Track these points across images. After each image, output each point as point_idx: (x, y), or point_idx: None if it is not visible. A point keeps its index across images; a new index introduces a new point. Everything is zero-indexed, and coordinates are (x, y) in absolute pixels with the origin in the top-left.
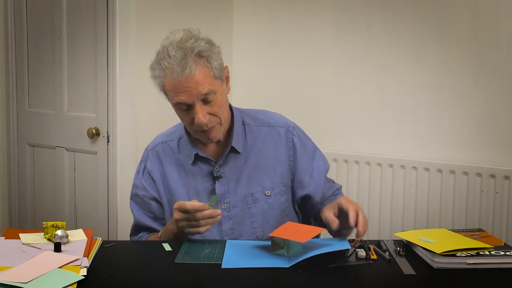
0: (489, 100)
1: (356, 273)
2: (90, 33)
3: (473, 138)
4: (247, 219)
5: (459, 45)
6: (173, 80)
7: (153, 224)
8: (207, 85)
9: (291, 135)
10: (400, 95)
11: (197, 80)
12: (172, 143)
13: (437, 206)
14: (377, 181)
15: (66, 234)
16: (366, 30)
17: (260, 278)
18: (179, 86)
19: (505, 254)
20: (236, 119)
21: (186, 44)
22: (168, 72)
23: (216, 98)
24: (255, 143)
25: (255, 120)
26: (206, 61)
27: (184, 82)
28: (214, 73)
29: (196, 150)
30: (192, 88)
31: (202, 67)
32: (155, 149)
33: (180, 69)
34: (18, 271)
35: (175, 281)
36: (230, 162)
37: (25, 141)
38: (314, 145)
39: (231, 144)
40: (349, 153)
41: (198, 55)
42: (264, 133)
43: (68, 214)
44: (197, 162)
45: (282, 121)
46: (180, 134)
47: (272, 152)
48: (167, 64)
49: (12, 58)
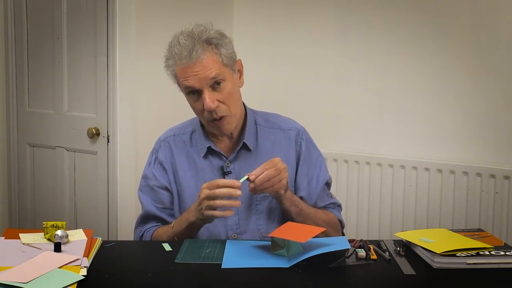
0: (489, 100)
1: (356, 273)
2: (90, 33)
3: (473, 138)
4: (252, 215)
5: (459, 45)
6: (182, 65)
7: (162, 214)
8: (215, 69)
9: (300, 139)
10: (400, 95)
11: (205, 65)
12: (184, 136)
13: (437, 206)
14: (377, 181)
15: (66, 234)
16: (366, 30)
17: (260, 278)
18: (187, 71)
19: (505, 254)
20: (249, 117)
21: (195, 33)
22: (177, 58)
23: (226, 85)
24: (266, 144)
25: (267, 122)
26: (214, 47)
27: (192, 66)
28: (223, 60)
29: (209, 143)
30: (200, 72)
31: (210, 53)
32: (167, 141)
33: (188, 53)
34: (18, 271)
35: (175, 281)
36: (240, 159)
37: (25, 141)
38: (319, 154)
39: (243, 140)
40: (349, 153)
41: (207, 42)
42: (275, 136)
43: (68, 214)
44: (208, 156)
45: (293, 125)
46: (193, 128)
47: (281, 154)
48: (177, 51)
49: (12, 58)
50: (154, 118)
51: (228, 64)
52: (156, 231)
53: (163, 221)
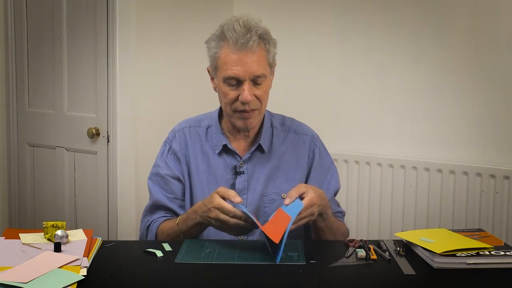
0: (489, 100)
1: (356, 273)
2: (90, 33)
3: (473, 138)
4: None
5: (459, 45)
6: (233, 50)
7: (172, 204)
8: (262, 67)
9: (313, 145)
10: (400, 95)
11: (255, 59)
12: (200, 129)
13: (437, 206)
14: (377, 181)
15: (66, 234)
16: (366, 30)
17: (260, 278)
18: (237, 59)
19: (505, 254)
20: (266, 119)
21: (252, 24)
22: (231, 41)
23: (265, 83)
24: (280, 147)
25: (283, 126)
26: (266, 44)
27: (243, 56)
28: (269, 60)
29: (226, 141)
30: (248, 64)
31: (262, 49)
32: (182, 131)
33: (244, 41)
34: (18, 271)
35: (175, 281)
36: (254, 160)
37: (25, 141)
38: (331, 162)
39: (259, 142)
40: (349, 153)
41: (261, 37)
42: (289, 139)
43: (68, 214)
44: (222, 154)
45: (308, 131)
46: (210, 123)
47: (294, 158)
48: (231, 35)
49: (12, 58)
50: (154, 118)
51: (271, 63)
52: (162, 225)
53: (172, 211)
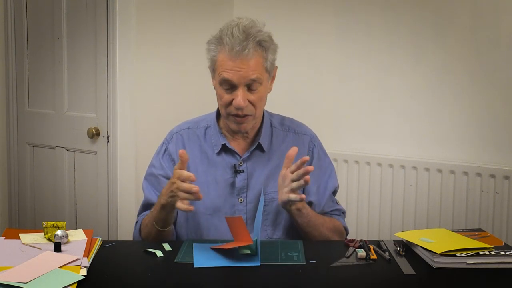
0: (489, 100)
1: (356, 273)
2: (90, 33)
3: (473, 138)
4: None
5: (459, 45)
6: (229, 56)
7: None
8: (257, 73)
9: (312, 145)
10: (400, 95)
11: (250, 65)
12: (198, 130)
13: (437, 206)
14: (377, 181)
15: (66, 234)
16: (366, 30)
17: (260, 278)
18: (231, 64)
19: (505, 254)
20: (265, 119)
21: (251, 30)
22: (227, 48)
23: (260, 89)
24: (280, 146)
25: (282, 126)
26: (264, 51)
27: (238, 62)
28: (267, 66)
29: (224, 140)
30: (243, 70)
31: (259, 55)
32: (180, 133)
33: (240, 48)
34: (18, 271)
35: (175, 281)
36: (253, 159)
37: (25, 141)
38: (330, 162)
39: (259, 141)
40: (349, 153)
41: (259, 44)
42: (289, 139)
43: (68, 214)
44: (222, 153)
45: (307, 131)
46: (208, 123)
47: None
48: (228, 41)
49: (12, 58)
50: (154, 118)
51: (269, 70)
52: (144, 218)
53: None
